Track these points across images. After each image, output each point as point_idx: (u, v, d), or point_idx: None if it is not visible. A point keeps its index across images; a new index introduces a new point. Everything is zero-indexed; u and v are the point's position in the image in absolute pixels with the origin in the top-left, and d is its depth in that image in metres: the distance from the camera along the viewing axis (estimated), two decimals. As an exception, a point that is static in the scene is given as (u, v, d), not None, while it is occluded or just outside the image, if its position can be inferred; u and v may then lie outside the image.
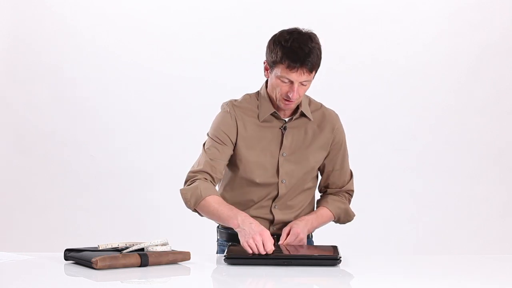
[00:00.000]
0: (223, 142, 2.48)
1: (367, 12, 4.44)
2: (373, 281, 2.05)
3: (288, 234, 2.43)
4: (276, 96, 2.43)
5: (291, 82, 2.36)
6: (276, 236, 2.49)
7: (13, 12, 4.49)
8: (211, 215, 2.40)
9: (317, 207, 2.63)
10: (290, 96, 2.37)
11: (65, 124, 4.48)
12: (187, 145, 3.61)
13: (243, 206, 2.52)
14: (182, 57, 4.46)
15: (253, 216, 2.41)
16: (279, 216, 2.53)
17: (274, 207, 2.53)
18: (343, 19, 4.41)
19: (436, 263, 2.33)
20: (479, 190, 4.45)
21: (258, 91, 2.55)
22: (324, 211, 2.58)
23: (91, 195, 4.48)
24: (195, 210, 2.46)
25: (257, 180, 2.50)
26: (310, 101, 2.57)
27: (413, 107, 4.45)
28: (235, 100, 2.55)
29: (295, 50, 2.33)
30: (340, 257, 2.18)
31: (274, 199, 2.53)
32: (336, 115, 2.59)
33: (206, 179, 2.44)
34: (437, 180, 4.46)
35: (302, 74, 2.33)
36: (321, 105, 2.59)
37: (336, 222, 2.64)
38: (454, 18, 4.43)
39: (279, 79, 2.37)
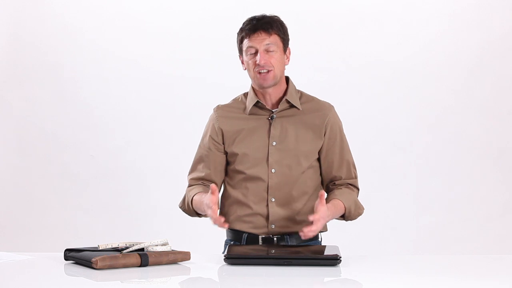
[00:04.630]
0: (209, 148, 2.57)
1: (367, 12, 4.43)
2: (373, 281, 2.06)
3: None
4: (252, 75, 2.48)
5: (257, 51, 2.44)
6: (280, 237, 2.49)
7: (13, 12, 4.49)
8: (200, 210, 2.49)
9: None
10: (258, 62, 2.43)
11: (65, 124, 4.48)
12: (187, 145, 3.60)
13: (242, 202, 2.52)
14: (182, 57, 4.46)
15: (252, 213, 2.49)
16: (274, 210, 2.49)
17: (271, 200, 2.50)
18: (343, 19, 4.40)
19: (436, 263, 2.33)
20: (479, 190, 4.45)
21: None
22: (336, 201, 2.46)
23: (91, 195, 4.49)
24: (199, 216, 2.56)
25: (248, 172, 2.51)
26: (302, 94, 2.58)
27: (413, 107, 4.45)
28: (224, 103, 2.61)
29: (251, 20, 2.49)
30: (340, 257, 2.18)
31: (267, 191, 2.50)
32: (330, 105, 2.58)
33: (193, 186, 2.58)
34: (437, 180, 4.46)
35: (262, 36, 2.44)
36: (314, 98, 2.59)
37: (347, 218, 2.51)
38: (454, 18, 4.43)
39: (247, 54, 2.47)
